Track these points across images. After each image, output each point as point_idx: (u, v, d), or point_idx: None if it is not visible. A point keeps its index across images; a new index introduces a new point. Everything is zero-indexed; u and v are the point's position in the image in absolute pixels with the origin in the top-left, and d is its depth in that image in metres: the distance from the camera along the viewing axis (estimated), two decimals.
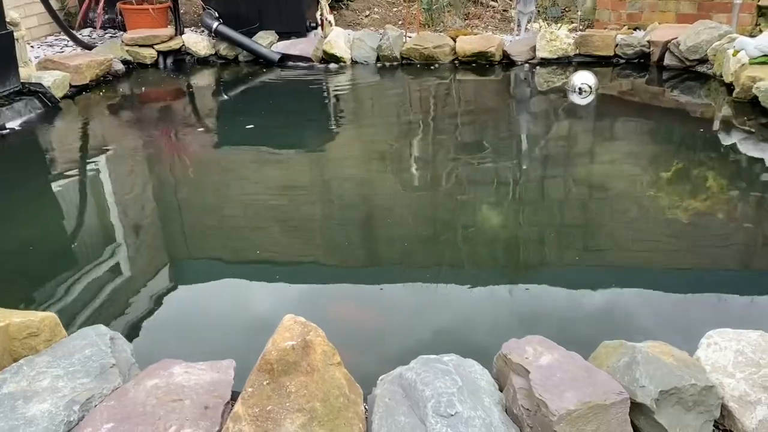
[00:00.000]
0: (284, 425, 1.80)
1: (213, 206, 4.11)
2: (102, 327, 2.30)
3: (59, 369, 2.06)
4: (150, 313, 3.01)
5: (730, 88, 5.88)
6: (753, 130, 5.10)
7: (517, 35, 7.92)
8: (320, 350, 1.96)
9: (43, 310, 2.92)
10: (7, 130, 5.39)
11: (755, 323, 2.32)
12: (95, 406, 1.98)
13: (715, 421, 1.94)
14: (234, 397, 2.05)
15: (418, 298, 3.06)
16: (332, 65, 7.55)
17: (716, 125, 5.38)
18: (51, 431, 1.84)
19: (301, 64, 7.70)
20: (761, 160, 4.56)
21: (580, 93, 6.09)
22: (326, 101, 6.60)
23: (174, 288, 3.25)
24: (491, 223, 3.77)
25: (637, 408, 1.87)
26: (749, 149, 4.77)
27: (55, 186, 4.44)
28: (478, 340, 2.72)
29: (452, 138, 5.22)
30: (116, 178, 4.58)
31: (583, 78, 6.15)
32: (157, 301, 3.10)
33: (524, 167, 4.53)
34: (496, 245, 3.56)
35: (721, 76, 6.17)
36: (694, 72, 6.64)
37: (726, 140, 5.01)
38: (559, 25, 7.43)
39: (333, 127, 5.76)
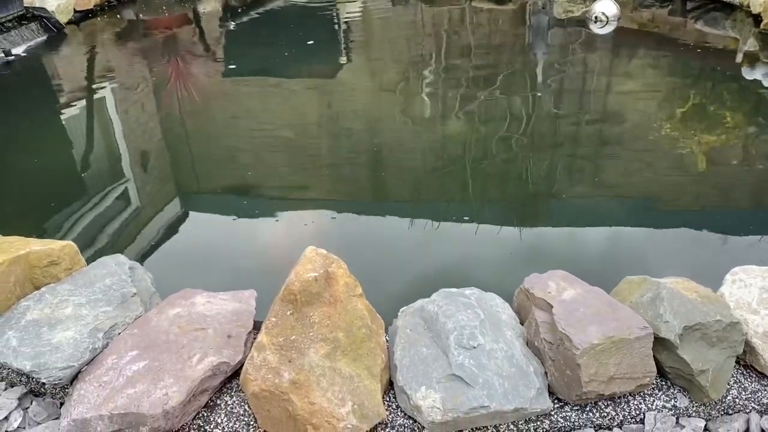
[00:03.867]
0: (308, 354, 1.80)
1: (222, 137, 4.05)
2: (121, 256, 2.29)
3: (81, 297, 2.07)
4: (163, 242, 3.00)
5: (757, 19, 5.66)
6: None
7: None
8: (342, 282, 1.95)
9: (57, 239, 2.92)
10: (13, 57, 5.27)
11: None
12: (119, 334, 1.99)
13: (737, 357, 1.94)
14: (256, 326, 2.05)
15: (431, 232, 3.03)
16: None
17: (740, 58, 5.21)
18: (77, 357, 1.86)
19: None
20: None
21: (596, 22, 5.89)
22: (336, 30, 6.40)
23: (185, 218, 3.24)
24: (504, 157, 3.70)
25: (660, 343, 1.87)
26: None
27: (64, 115, 4.37)
28: (493, 274, 2.71)
29: (465, 69, 5.08)
30: (124, 108, 4.50)
31: (603, 7, 5.94)
32: (169, 231, 3.09)
33: (538, 100, 4.41)
34: (510, 179, 3.51)
35: (749, 7, 5.93)
36: (720, 2, 6.39)
37: (749, 74, 4.85)
38: None
39: (342, 56, 5.60)
